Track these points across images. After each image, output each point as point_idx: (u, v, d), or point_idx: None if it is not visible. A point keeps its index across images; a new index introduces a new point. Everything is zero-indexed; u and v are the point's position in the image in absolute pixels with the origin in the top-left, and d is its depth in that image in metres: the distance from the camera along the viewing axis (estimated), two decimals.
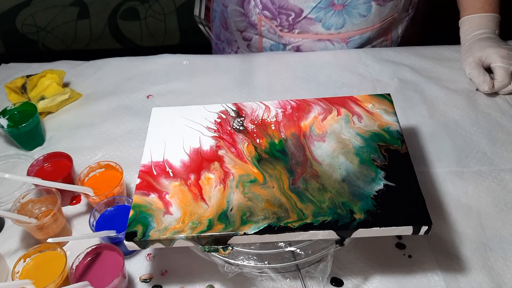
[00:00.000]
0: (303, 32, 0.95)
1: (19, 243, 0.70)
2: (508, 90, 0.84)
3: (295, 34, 0.96)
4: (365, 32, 0.95)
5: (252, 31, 1.03)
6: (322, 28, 0.94)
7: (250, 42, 1.05)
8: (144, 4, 1.90)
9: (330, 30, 0.94)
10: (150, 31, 1.97)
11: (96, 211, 0.67)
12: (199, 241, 0.55)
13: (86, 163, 0.77)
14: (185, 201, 0.57)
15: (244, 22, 1.02)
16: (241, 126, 0.66)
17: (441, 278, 0.62)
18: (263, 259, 0.57)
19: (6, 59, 1.06)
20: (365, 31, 0.95)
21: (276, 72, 0.96)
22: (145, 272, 0.65)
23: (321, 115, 0.66)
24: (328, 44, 0.98)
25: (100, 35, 1.96)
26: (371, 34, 0.97)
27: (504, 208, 0.69)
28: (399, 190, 0.56)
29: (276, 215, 0.55)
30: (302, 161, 0.61)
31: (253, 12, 0.98)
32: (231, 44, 1.10)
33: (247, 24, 1.02)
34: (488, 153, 0.77)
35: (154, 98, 0.93)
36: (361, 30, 0.95)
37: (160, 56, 1.03)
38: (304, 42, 0.98)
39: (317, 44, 0.98)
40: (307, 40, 0.97)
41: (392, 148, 0.61)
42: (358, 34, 0.95)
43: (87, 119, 0.89)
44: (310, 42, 0.98)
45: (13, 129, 0.80)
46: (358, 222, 0.53)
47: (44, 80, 0.90)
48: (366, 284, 0.62)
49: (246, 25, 1.02)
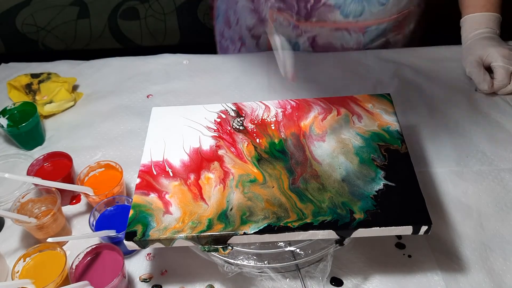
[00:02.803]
0: (320, 21, 0.94)
1: (19, 243, 0.70)
2: (508, 90, 0.84)
3: (313, 22, 0.95)
4: (382, 22, 0.95)
5: (261, 29, 1.02)
6: (340, 16, 0.93)
7: (259, 40, 1.05)
8: (144, 3, 1.90)
9: (348, 18, 0.93)
10: (150, 31, 1.96)
11: (96, 210, 0.67)
12: (199, 240, 0.55)
13: (86, 162, 0.77)
14: (185, 200, 0.57)
15: (254, 19, 1.01)
16: (241, 126, 0.66)
17: (441, 278, 0.62)
18: (263, 259, 0.57)
19: (6, 58, 1.06)
20: (382, 21, 0.95)
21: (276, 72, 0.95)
22: (145, 272, 0.65)
23: (321, 115, 0.66)
24: (345, 34, 0.97)
25: (100, 35, 1.96)
26: (387, 25, 0.96)
27: (504, 208, 0.69)
28: (399, 190, 0.56)
29: (276, 215, 0.55)
30: (302, 161, 0.61)
31: (264, 6, 0.97)
32: (234, 42, 1.10)
33: (256, 21, 1.01)
34: (488, 153, 0.77)
35: (154, 98, 0.93)
36: (378, 20, 0.94)
37: (160, 56, 1.03)
38: (321, 31, 0.97)
39: (334, 34, 0.97)
40: (324, 29, 0.96)
41: (392, 148, 0.61)
42: (375, 24, 0.95)
43: (87, 119, 0.89)
44: (327, 31, 0.96)
45: (13, 129, 0.80)
46: (358, 222, 0.53)
47: (55, 86, 0.91)
48: (366, 284, 0.62)
49: (256, 22, 1.02)
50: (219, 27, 1.13)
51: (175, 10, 1.92)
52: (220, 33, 1.13)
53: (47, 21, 1.91)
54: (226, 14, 1.08)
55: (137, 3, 1.90)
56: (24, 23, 1.91)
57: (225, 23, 1.10)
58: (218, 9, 1.11)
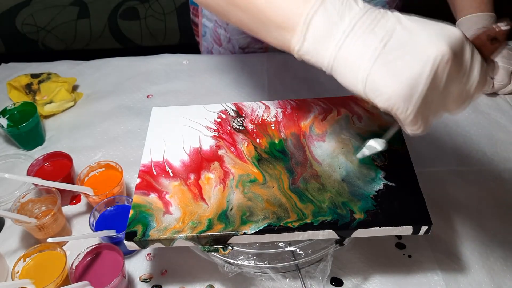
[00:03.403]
0: None
1: (19, 243, 0.70)
2: (508, 90, 0.84)
3: None
4: None
5: (256, 46, 1.02)
6: None
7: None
8: (144, 4, 1.90)
9: None
10: (150, 31, 1.97)
11: (96, 211, 0.67)
12: (199, 241, 0.55)
13: (86, 163, 0.77)
14: (185, 201, 0.57)
15: (248, 38, 1.00)
16: (241, 126, 0.66)
17: (441, 278, 0.62)
18: (263, 259, 0.57)
19: (6, 58, 1.06)
20: None
21: (276, 72, 0.96)
22: (145, 272, 0.65)
23: (321, 115, 0.66)
24: None
25: (100, 35, 1.96)
26: None
27: (504, 208, 0.69)
28: (399, 190, 0.56)
29: (276, 215, 0.55)
30: (302, 161, 0.60)
31: None
32: None
33: (251, 39, 1.00)
34: (488, 153, 0.77)
35: (154, 98, 0.93)
36: None
37: (160, 56, 1.03)
38: None
39: None
40: None
41: (392, 148, 0.61)
42: None
43: (87, 119, 0.89)
44: None
45: (13, 129, 0.80)
46: (358, 222, 0.53)
47: (55, 86, 0.91)
48: (366, 284, 0.62)
49: (250, 41, 1.01)
50: (206, 44, 1.10)
51: (175, 10, 1.92)
52: (208, 50, 1.10)
53: (47, 21, 1.91)
54: (215, 32, 1.05)
55: (137, 3, 1.90)
56: (24, 23, 1.91)
57: (214, 41, 1.07)
58: (204, 27, 1.09)
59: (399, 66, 0.39)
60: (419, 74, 0.38)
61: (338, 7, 0.41)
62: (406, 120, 0.41)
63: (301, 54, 0.44)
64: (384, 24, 0.40)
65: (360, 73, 0.40)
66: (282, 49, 0.46)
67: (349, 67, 0.41)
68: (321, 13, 0.41)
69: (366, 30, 0.40)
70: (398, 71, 0.39)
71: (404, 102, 0.39)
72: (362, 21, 0.40)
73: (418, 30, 0.39)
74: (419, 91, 0.39)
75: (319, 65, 0.44)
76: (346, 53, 0.41)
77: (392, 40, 0.39)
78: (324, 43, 0.42)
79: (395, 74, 0.39)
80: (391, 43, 0.39)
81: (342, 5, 0.41)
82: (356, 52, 0.40)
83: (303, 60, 0.45)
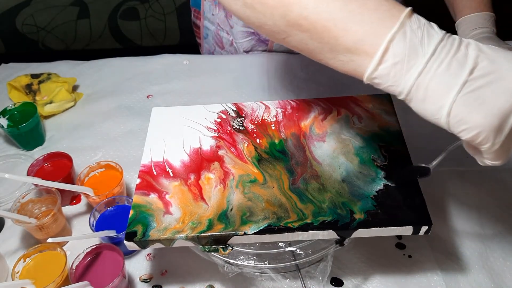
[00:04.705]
0: None
1: (19, 243, 0.70)
2: None
3: None
4: None
5: (260, 48, 1.02)
6: None
7: None
8: (144, 4, 1.90)
9: None
10: (150, 31, 1.96)
11: (96, 211, 0.67)
12: (199, 241, 0.55)
13: (86, 163, 0.77)
14: (185, 201, 0.57)
15: (253, 41, 1.01)
16: (241, 126, 0.66)
17: (441, 278, 0.62)
18: (263, 259, 0.57)
19: (6, 59, 1.06)
20: None
21: (276, 72, 0.96)
22: (145, 272, 0.65)
23: (321, 115, 0.66)
24: None
25: (100, 35, 1.96)
26: None
27: (504, 208, 0.69)
28: (399, 190, 0.56)
29: (276, 215, 0.55)
30: (302, 161, 0.60)
31: None
32: None
33: (255, 42, 1.01)
34: None
35: (154, 98, 0.93)
36: None
37: (160, 56, 1.03)
38: None
39: None
40: None
41: (392, 148, 0.61)
42: None
43: (87, 119, 0.89)
44: None
45: (13, 129, 0.80)
46: (358, 222, 0.53)
47: (55, 86, 0.91)
48: (366, 284, 0.62)
49: (254, 43, 1.01)
50: (208, 46, 1.11)
51: (175, 10, 1.92)
52: (210, 52, 1.10)
53: (47, 21, 1.91)
54: (217, 35, 1.06)
55: (137, 3, 1.90)
56: (24, 23, 1.91)
57: (216, 44, 1.07)
58: (205, 29, 1.09)
59: (488, 98, 0.38)
60: (509, 105, 0.37)
61: (417, 32, 0.40)
62: (490, 151, 0.40)
63: (372, 78, 0.42)
64: (464, 52, 0.39)
65: (444, 102, 0.39)
66: (345, 72, 0.44)
67: (430, 95, 0.40)
68: (400, 38, 0.40)
69: (447, 57, 0.39)
70: (486, 103, 0.38)
71: (494, 134, 0.39)
72: (441, 46, 0.39)
73: (500, 59, 0.38)
74: (510, 123, 0.38)
75: (392, 90, 0.42)
76: (427, 80, 0.39)
77: (477, 69, 0.38)
78: (402, 69, 0.40)
79: (484, 105, 0.38)
80: (476, 72, 0.38)
81: (421, 30, 0.40)
82: (438, 80, 0.39)
83: (371, 84, 0.43)
